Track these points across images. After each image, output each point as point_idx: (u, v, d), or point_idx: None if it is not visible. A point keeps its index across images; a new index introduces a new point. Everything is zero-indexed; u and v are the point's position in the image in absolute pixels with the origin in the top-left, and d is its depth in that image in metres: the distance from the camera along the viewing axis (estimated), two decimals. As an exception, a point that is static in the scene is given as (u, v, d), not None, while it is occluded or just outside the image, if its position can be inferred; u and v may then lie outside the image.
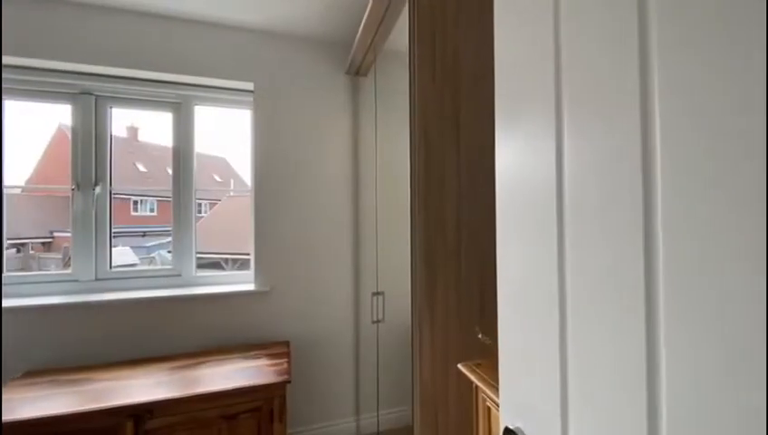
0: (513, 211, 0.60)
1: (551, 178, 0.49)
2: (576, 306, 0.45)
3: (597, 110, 0.43)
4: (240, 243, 3.72)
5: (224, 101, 2.31)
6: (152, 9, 1.98)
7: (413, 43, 1.37)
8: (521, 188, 0.58)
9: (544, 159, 0.51)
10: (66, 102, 2.04)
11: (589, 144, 0.44)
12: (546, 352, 0.51)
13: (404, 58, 1.42)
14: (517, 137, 0.59)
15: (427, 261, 1.37)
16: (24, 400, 1.46)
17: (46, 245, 5.12)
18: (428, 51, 1.38)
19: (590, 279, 0.43)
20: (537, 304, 0.53)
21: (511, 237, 0.61)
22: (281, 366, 1.79)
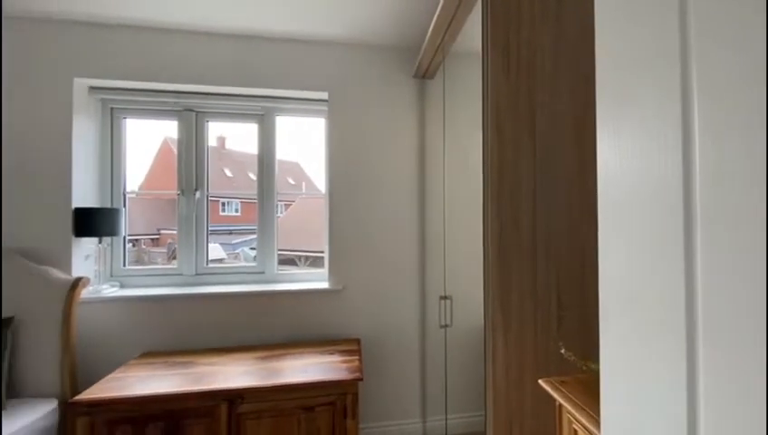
0: (622, 217, 0.55)
1: (676, 180, 0.43)
2: (711, 332, 0.39)
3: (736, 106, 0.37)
4: (312, 241, 3.93)
5: (301, 110, 2.44)
6: (242, 31, 2.16)
7: (486, 39, 1.33)
8: (634, 192, 0.52)
9: (668, 160, 0.45)
10: (173, 119, 2.32)
11: (728, 145, 0.38)
12: (667, 384, 0.45)
13: (473, 58, 1.37)
14: (628, 137, 0.54)
15: (501, 267, 1.32)
16: (139, 378, 1.68)
17: (154, 241, 5.90)
18: (502, 47, 1.32)
19: (734, 299, 0.37)
20: (655, 325, 0.47)
21: (617, 246, 0.56)
22: (353, 363, 1.85)
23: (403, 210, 2.36)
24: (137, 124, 2.35)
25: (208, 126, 2.38)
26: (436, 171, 2.37)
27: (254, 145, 2.44)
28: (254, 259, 2.42)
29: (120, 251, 2.24)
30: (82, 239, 2.05)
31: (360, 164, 2.32)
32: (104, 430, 1.48)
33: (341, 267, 2.28)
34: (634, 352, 0.53)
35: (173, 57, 2.15)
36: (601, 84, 0.60)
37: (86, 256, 2.08)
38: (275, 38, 2.24)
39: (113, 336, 2.02)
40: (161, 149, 4.26)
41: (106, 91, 2.18)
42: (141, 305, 2.06)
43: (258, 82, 2.24)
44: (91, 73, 2.06)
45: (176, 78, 2.15)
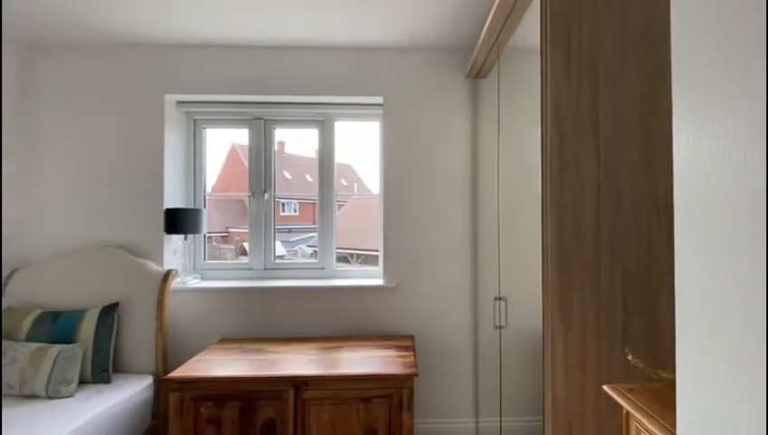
0: (702, 222, 0.52)
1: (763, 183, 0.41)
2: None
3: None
4: (363, 240, 4.03)
5: (358, 115, 2.53)
6: (306, 43, 2.30)
7: (545, 35, 1.29)
8: (717, 195, 0.49)
9: (756, 161, 0.43)
10: (245, 127, 2.52)
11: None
12: (756, 407, 0.43)
13: (529, 55, 1.34)
14: (710, 136, 0.51)
15: (561, 270, 1.28)
16: (218, 361, 1.86)
17: (224, 238, 6.42)
18: (562, 43, 1.28)
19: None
20: (739, 341, 0.45)
21: (696, 256, 0.53)
22: (408, 359, 1.89)
23: (455, 210, 2.36)
24: (213, 133, 2.60)
25: (274, 132, 2.56)
26: (489, 171, 2.34)
27: (309, 148, 2.58)
28: (311, 256, 2.55)
29: (201, 247, 2.50)
30: (172, 236, 2.32)
31: (414, 165, 2.36)
32: (191, 404, 1.67)
33: (395, 266, 2.34)
34: (717, 367, 0.50)
35: (246, 71, 2.34)
36: (679, 82, 0.58)
37: (174, 251, 2.34)
38: (335, 48, 2.35)
39: (196, 322, 2.26)
40: (230, 154, 4.61)
41: (190, 104, 2.43)
42: (219, 296, 2.28)
43: (320, 90, 2.37)
44: (178, 90, 2.32)
45: (248, 90, 2.35)
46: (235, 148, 2.69)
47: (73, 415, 1.53)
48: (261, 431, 1.68)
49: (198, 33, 2.18)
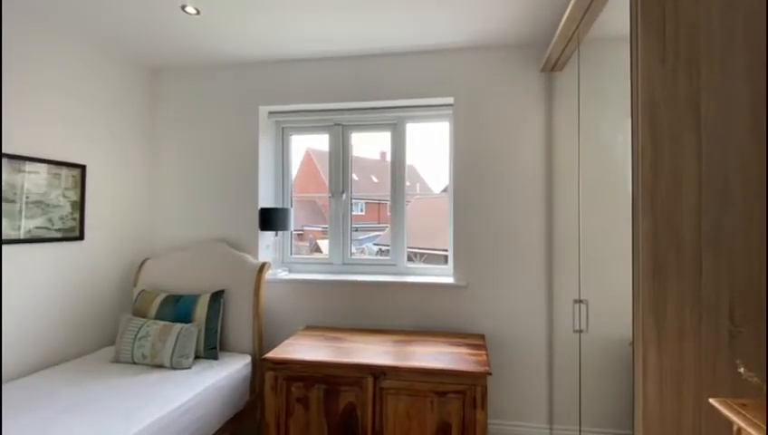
0: None
1: None
2: None
3: None
4: (427, 239, 4.04)
5: (428, 117, 2.56)
6: (380, 51, 2.38)
7: (635, 20, 1.19)
8: None
9: None
10: (325, 133, 2.69)
11: None
12: None
13: (616, 43, 1.23)
14: None
15: (655, 273, 1.18)
16: (305, 346, 2.02)
17: (300, 236, 6.91)
18: (656, 27, 1.17)
19: None
20: None
21: None
22: (480, 357, 1.88)
23: (528, 209, 2.27)
24: (297, 139, 2.82)
25: (351, 137, 2.70)
26: (567, 168, 2.21)
27: (374, 151, 2.66)
28: (376, 254, 2.63)
29: (288, 243, 2.74)
30: (265, 233, 2.57)
31: (485, 163, 2.31)
32: (284, 383, 1.84)
33: (466, 265, 2.32)
34: None
35: (327, 80, 2.50)
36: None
37: (266, 246, 2.60)
38: (407, 52, 2.40)
39: (285, 310, 2.48)
40: (305, 159, 4.94)
41: (279, 114, 2.67)
42: (305, 287, 2.47)
43: (393, 95, 2.44)
44: (270, 101, 2.57)
45: (329, 98, 2.51)
46: (309, 153, 2.88)
47: (192, 384, 1.79)
48: (342, 414, 1.80)
49: (286, 50, 2.38)
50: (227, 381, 1.95)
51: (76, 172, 2.16)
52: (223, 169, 2.59)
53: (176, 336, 1.96)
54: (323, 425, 1.81)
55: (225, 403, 1.92)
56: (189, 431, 1.66)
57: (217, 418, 1.86)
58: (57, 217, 2.06)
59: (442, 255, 3.93)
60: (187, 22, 2.04)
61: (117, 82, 2.43)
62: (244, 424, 2.15)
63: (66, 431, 1.38)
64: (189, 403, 1.68)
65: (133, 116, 2.55)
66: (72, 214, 2.14)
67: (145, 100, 2.64)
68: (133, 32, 2.16)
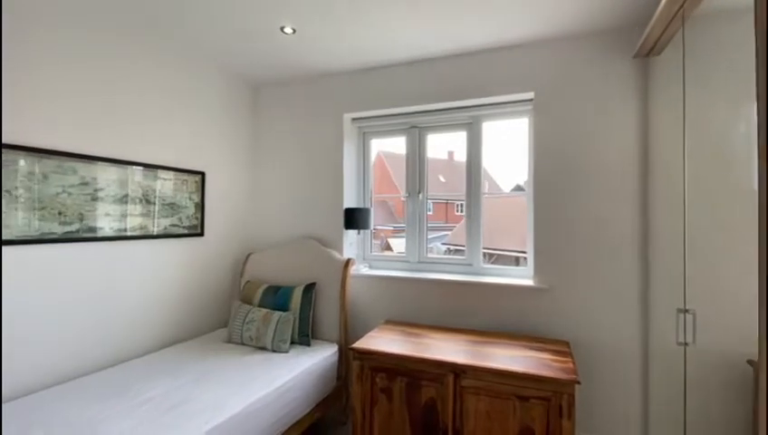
0: None
1: None
2: None
3: None
4: (496, 239, 3.87)
5: (505, 114, 2.44)
6: (454, 51, 2.34)
7: None
8: None
9: None
10: (403, 135, 2.73)
11: None
12: None
13: (728, 19, 1.03)
14: None
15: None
16: (386, 339, 2.08)
17: (373, 234, 7.13)
18: None
19: None
20: None
21: None
22: (566, 365, 1.77)
23: (618, 208, 2.05)
24: (374, 143, 2.91)
25: (427, 138, 2.70)
26: (667, 162, 1.95)
27: (441, 151, 2.61)
28: (445, 253, 2.59)
29: (368, 240, 2.85)
30: (348, 231, 2.70)
31: (570, 159, 2.14)
32: (369, 373, 1.92)
33: (547, 267, 2.18)
34: None
35: (404, 85, 2.53)
36: None
37: (350, 244, 2.73)
38: (483, 50, 2.32)
39: (365, 304, 2.59)
40: (376, 162, 5.06)
41: (361, 120, 2.78)
42: (384, 283, 2.55)
43: (470, 94, 2.37)
44: (353, 108, 2.68)
45: (406, 101, 2.53)
46: (381, 156, 2.95)
47: (290, 366, 1.97)
48: (424, 408, 1.83)
49: (368, 58, 2.46)
50: (318, 367, 2.10)
51: (198, 178, 2.50)
52: (313, 173, 2.78)
53: (275, 323, 2.18)
54: (405, 416, 1.87)
55: (317, 387, 2.08)
56: (289, 408, 1.83)
57: (310, 399, 2.01)
58: (185, 216, 2.41)
59: (512, 256, 3.76)
60: (285, 41, 2.22)
61: (226, 99, 2.74)
62: (332, 408, 2.30)
63: (199, 395, 1.63)
64: (289, 383, 1.85)
65: (239, 128, 2.86)
66: (195, 214, 2.49)
67: (248, 113, 2.94)
68: (239, 53, 2.41)
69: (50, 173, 1.74)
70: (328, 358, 2.21)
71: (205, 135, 2.57)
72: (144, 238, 2.17)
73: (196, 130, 2.51)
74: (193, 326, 2.49)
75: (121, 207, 2.05)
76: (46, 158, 1.73)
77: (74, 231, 1.84)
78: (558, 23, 2.02)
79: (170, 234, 2.32)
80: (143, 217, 2.16)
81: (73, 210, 1.83)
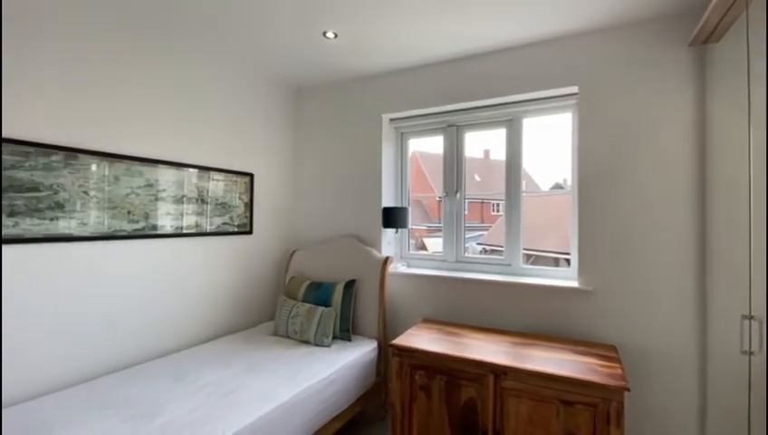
0: None
1: None
2: None
3: None
4: (534, 240, 3.71)
5: (547, 109, 2.35)
6: (492, 48, 2.29)
7: None
8: None
9: None
10: (440, 134, 2.70)
11: None
12: None
13: None
14: None
15: None
16: (425, 337, 2.06)
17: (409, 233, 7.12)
18: None
19: None
20: None
21: None
22: (614, 370, 1.68)
23: (671, 207, 1.91)
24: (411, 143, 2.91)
25: (465, 137, 2.66)
26: (730, 157, 1.78)
27: (477, 150, 2.55)
28: (480, 253, 2.52)
29: (406, 239, 2.86)
30: (387, 230, 2.73)
31: (617, 156, 2.02)
32: (408, 370, 1.93)
33: (593, 268, 2.07)
34: None
35: (442, 84, 2.51)
36: None
37: (388, 242, 2.75)
38: (521, 45, 2.25)
39: (403, 301, 2.60)
40: (412, 161, 5.05)
41: (399, 120, 2.79)
42: (422, 281, 2.54)
43: (508, 90, 2.31)
44: (391, 109, 2.70)
45: (443, 100, 2.51)
46: (416, 156, 2.95)
47: (332, 360, 2.03)
48: (463, 407, 1.81)
49: (406, 59, 2.47)
50: (359, 362, 2.14)
51: (246, 179, 2.64)
52: (352, 172, 2.84)
53: (318, 318, 2.24)
54: (444, 415, 1.86)
55: (357, 381, 2.12)
56: (332, 401, 1.89)
57: (351, 393, 2.06)
58: (235, 215, 2.56)
59: (551, 257, 3.60)
60: (326, 46, 2.28)
61: (272, 103, 2.87)
62: (372, 403, 2.34)
63: (249, 384, 1.72)
64: (332, 377, 1.90)
65: (284, 131, 2.99)
66: (245, 213, 2.63)
67: (291, 116, 3.06)
68: (283, 59, 2.50)
69: (120, 175, 1.91)
70: (367, 354, 2.25)
71: (253, 138, 2.71)
72: (198, 236, 2.32)
73: (245, 134, 2.65)
74: (241, 319, 2.63)
75: (179, 206, 2.21)
76: (117, 162, 1.90)
77: (141, 229, 2.01)
78: (605, 12, 1.91)
79: (222, 232, 2.46)
80: (198, 216, 2.31)
81: (140, 210, 2.00)
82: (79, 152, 1.75)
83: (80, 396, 1.58)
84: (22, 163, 1.58)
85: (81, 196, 1.77)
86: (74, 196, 1.74)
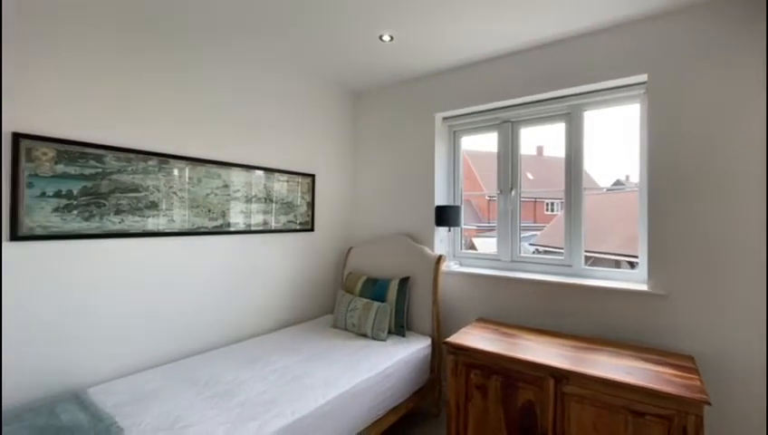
0: None
1: None
2: None
3: None
4: (594, 241, 3.43)
5: (611, 100, 2.20)
6: (548, 39, 2.20)
7: None
8: None
9: None
10: (494, 131, 2.64)
11: None
12: None
13: None
14: None
15: None
16: (479, 337, 2.04)
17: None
18: None
19: None
20: None
21: None
22: (692, 382, 1.54)
23: (757, 205, 1.70)
24: (466, 141, 2.87)
25: (520, 133, 2.57)
26: None
27: (529, 147, 2.44)
28: (533, 254, 2.40)
29: (458, 238, 2.84)
30: (439, 228, 2.73)
31: (693, 150, 1.84)
32: (463, 368, 1.92)
33: (665, 271, 1.90)
34: None
35: (495, 80, 2.46)
36: None
37: (440, 241, 2.76)
38: (582, 34, 2.13)
39: (456, 300, 2.58)
40: (464, 160, 4.97)
41: (451, 118, 2.77)
42: (475, 281, 2.51)
43: (568, 82, 2.20)
44: (444, 108, 2.70)
45: (497, 96, 2.46)
46: (464, 154, 2.90)
47: (389, 354, 2.08)
48: (521, 410, 1.76)
49: (459, 57, 2.46)
50: (413, 357, 2.17)
51: (309, 180, 2.80)
52: (406, 172, 2.88)
53: (375, 312, 2.31)
54: (501, 416, 1.82)
55: (412, 376, 2.15)
56: (388, 394, 1.94)
57: (406, 388, 2.09)
58: (299, 213, 2.72)
59: (612, 259, 3.34)
60: (383, 48, 2.34)
61: (330, 107, 3.01)
62: (426, 399, 2.36)
63: (313, 372, 1.83)
64: (388, 370, 1.96)
65: (342, 132, 3.11)
66: (307, 212, 2.79)
67: (349, 118, 3.18)
68: (342, 63, 2.60)
69: (202, 178, 2.13)
70: (422, 350, 2.27)
71: (314, 141, 2.87)
72: (266, 233, 2.50)
73: (308, 137, 2.81)
74: (303, 311, 2.79)
75: (249, 205, 2.39)
76: (199, 165, 2.11)
77: (219, 226, 2.22)
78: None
79: (287, 229, 2.64)
80: (265, 215, 2.49)
81: (218, 208, 2.21)
82: (170, 157, 1.98)
83: (172, 374, 1.79)
84: (125, 168, 1.82)
85: (171, 196, 2.00)
86: (165, 196, 1.97)
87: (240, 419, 1.43)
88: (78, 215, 1.67)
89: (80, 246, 1.70)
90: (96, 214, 1.72)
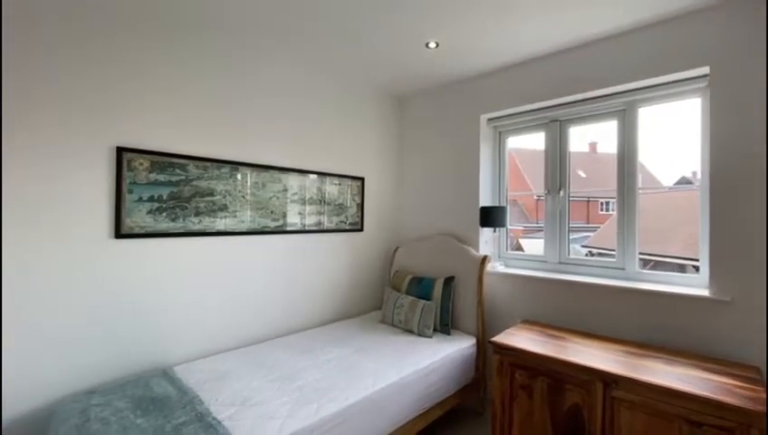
0: None
1: None
2: None
3: None
4: (652, 242, 3.20)
5: (669, 96, 2.09)
6: (599, 35, 2.14)
7: None
8: None
9: None
10: (541, 131, 2.61)
11: None
12: None
13: None
14: None
15: None
16: (525, 338, 2.04)
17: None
18: None
19: None
20: None
21: None
22: (757, 394, 1.45)
23: None
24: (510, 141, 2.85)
25: (569, 132, 2.51)
26: None
27: (581, 144, 2.35)
28: (585, 256, 2.32)
29: (504, 239, 2.84)
30: (484, 229, 2.75)
31: (759, 148, 1.71)
32: (509, 368, 1.95)
33: (729, 276, 1.79)
34: None
35: (544, 78, 2.42)
36: None
37: (485, 241, 2.78)
38: (635, 29, 2.05)
39: (501, 301, 2.60)
40: (508, 159, 4.88)
41: (496, 119, 2.78)
42: (521, 282, 2.51)
43: (621, 79, 2.12)
44: (489, 109, 2.72)
45: (545, 96, 2.42)
46: (512, 153, 2.87)
47: (434, 350, 2.16)
48: (568, 412, 1.76)
49: (503, 59, 2.47)
50: (458, 355, 2.23)
51: (359, 183, 2.96)
52: (451, 173, 2.93)
53: (420, 309, 2.40)
54: (547, 418, 1.83)
55: (457, 374, 2.21)
56: (432, 389, 2.02)
57: (451, 385, 2.16)
58: (349, 214, 2.90)
59: (676, 263, 3.11)
60: (428, 55, 2.41)
61: (379, 112, 3.15)
62: (470, 398, 2.41)
63: (364, 363, 1.96)
64: (433, 365, 2.04)
65: (389, 136, 3.24)
66: (357, 213, 2.96)
67: (395, 122, 3.30)
68: (389, 70, 2.70)
69: (266, 182, 2.36)
70: (466, 349, 2.32)
71: (363, 145, 3.02)
72: (318, 232, 2.69)
73: (357, 141, 2.97)
74: (354, 307, 2.96)
75: (304, 207, 2.59)
76: (263, 171, 2.35)
77: (280, 225, 2.45)
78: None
79: (339, 229, 2.82)
80: (319, 215, 2.69)
81: (279, 210, 2.44)
82: (239, 164, 2.23)
83: (243, 357, 2.02)
84: (203, 174, 2.07)
85: (240, 199, 2.24)
86: (235, 199, 2.21)
87: (300, 401, 1.59)
88: (167, 216, 1.94)
89: (167, 243, 1.97)
90: (180, 215, 1.99)
